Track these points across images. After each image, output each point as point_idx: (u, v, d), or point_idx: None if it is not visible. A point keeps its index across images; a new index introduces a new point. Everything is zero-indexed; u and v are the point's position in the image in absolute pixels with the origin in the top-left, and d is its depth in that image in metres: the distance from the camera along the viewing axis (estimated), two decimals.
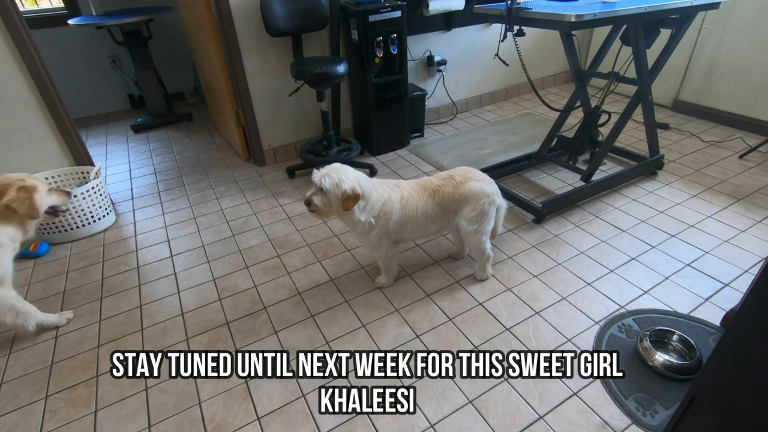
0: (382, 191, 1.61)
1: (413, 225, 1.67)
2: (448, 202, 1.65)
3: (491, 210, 1.67)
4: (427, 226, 1.69)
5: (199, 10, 2.65)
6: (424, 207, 1.65)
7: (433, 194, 1.65)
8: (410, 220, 1.65)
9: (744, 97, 2.90)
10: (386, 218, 1.61)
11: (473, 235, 1.69)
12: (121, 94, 4.23)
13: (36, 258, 2.16)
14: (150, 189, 2.76)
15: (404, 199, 1.63)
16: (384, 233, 1.65)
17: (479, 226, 1.67)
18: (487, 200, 1.64)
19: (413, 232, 1.69)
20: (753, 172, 2.45)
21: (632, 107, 2.21)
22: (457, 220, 1.69)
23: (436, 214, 1.67)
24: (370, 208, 1.57)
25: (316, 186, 1.51)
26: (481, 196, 1.63)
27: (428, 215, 1.66)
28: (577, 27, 1.71)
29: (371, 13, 2.49)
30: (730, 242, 1.95)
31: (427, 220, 1.67)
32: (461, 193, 1.64)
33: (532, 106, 3.66)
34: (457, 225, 1.70)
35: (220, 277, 1.95)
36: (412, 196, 1.65)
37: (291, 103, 2.86)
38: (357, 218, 1.56)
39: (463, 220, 1.66)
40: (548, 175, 2.59)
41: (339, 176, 1.49)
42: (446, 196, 1.64)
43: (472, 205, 1.64)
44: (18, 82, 2.09)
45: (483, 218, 1.66)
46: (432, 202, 1.65)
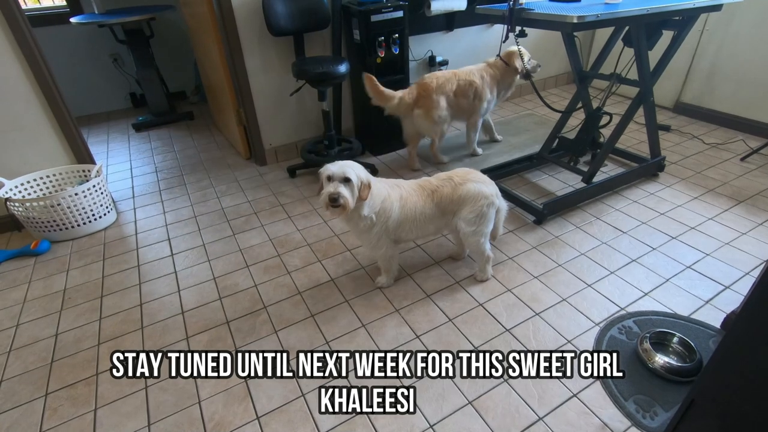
0: (382, 188, 1.62)
1: (412, 225, 1.67)
2: (446, 203, 1.65)
3: (490, 212, 1.67)
4: (426, 227, 1.69)
5: (200, 9, 2.65)
6: (422, 207, 1.65)
7: (432, 195, 1.65)
8: (409, 219, 1.65)
9: (746, 100, 2.89)
10: (386, 216, 1.61)
11: (472, 237, 1.69)
12: (122, 92, 4.23)
13: (37, 256, 2.16)
14: (151, 187, 2.77)
15: (403, 198, 1.63)
16: (384, 231, 1.65)
17: (478, 227, 1.67)
18: (485, 202, 1.64)
19: (412, 232, 1.69)
20: (754, 175, 2.45)
21: (634, 109, 2.21)
22: (455, 221, 1.69)
23: (434, 215, 1.67)
24: (372, 202, 1.57)
25: (339, 178, 1.48)
26: (479, 197, 1.63)
27: (426, 215, 1.66)
28: (579, 28, 1.70)
29: (373, 13, 2.49)
30: (731, 244, 1.95)
31: (425, 221, 1.67)
32: (460, 194, 1.64)
33: (533, 107, 3.66)
34: (455, 226, 1.70)
35: (220, 276, 1.95)
36: (411, 196, 1.65)
37: (292, 103, 2.86)
38: (362, 212, 1.56)
39: (461, 221, 1.66)
40: (549, 176, 2.59)
41: (354, 167, 1.51)
42: (444, 196, 1.64)
43: (471, 206, 1.64)
44: (20, 80, 2.09)
45: (481, 220, 1.66)
46: (430, 202, 1.65)
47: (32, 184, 2.28)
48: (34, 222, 2.17)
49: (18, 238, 2.31)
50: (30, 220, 2.17)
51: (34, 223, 2.17)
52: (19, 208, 2.12)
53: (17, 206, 2.12)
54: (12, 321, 1.78)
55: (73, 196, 2.16)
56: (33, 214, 2.14)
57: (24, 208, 2.12)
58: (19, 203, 2.10)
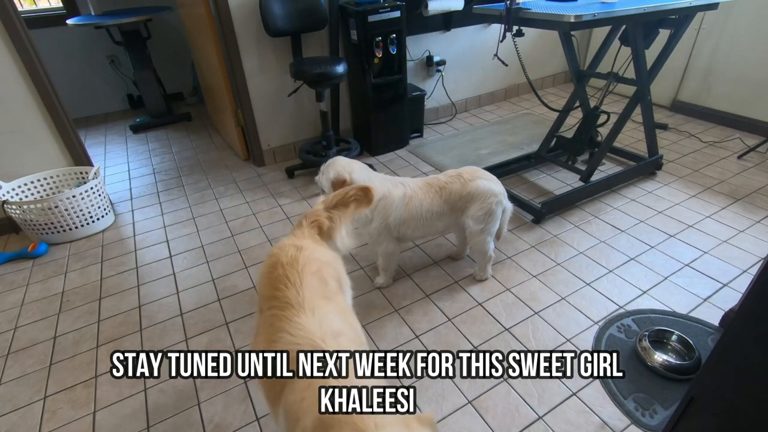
0: (381, 186, 1.62)
1: (418, 222, 1.67)
2: (455, 200, 1.65)
3: (498, 210, 1.67)
4: (434, 224, 1.69)
5: (198, 10, 2.65)
6: (429, 204, 1.65)
7: (440, 191, 1.65)
8: (414, 217, 1.65)
9: (743, 98, 2.90)
10: (385, 213, 1.63)
11: (479, 235, 1.69)
12: (119, 94, 4.22)
13: (34, 258, 2.15)
14: (149, 189, 2.76)
15: (407, 197, 1.64)
16: (384, 228, 1.66)
17: (486, 225, 1.67)
18: (495, 199, 1.64)
19: (418, 229, 1.69)
20: (751, 173, 2.46)
21: (631, 107, 2.21)
22: (463, 218, 1.69)
23: (443, 212, 1.67)
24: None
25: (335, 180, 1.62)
26: (489, 194, 1.63)
27: (434, 213, 1.66)
28: (576, 27, 1.71)
29: (370, 14, 2.49)
30: (728, 242, 1.95)
31: (433, 218, 1.67)
32: (469, 190, 1.64)
33: (531, 106, 3.66)
34: (463, 224, 1.70)
35: (219, 278, 1.95)
36: (417, 194, 1.65)
37: (290, 104, 2.85)
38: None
39: (469, 218, 1.66)
40: (547, 175, 2.60)
41: (328, 167, 1.62)
42: (453, 193, 1.64)
43: (480, 203, 1.64)
44: (16, 82, 2.09)
45: (490, 218, 1.66)
46: (439, 199, 1.65)
47: (29, 187, 2.28)
48: (31, 224, 2.16)
49: (15, 240, 2.30)
50: (27, 223, 2.16)
51: (32, 226, 2.17)
52: (17, 210, 2.12)
53: (14, 209, 2.11)
54: (10, 324, 1.77)
55: (71, 198, 2.15)
56: (30, 216, 2.13)
57: (21, 210, 2.11)
58: (16, 206, 2.10)
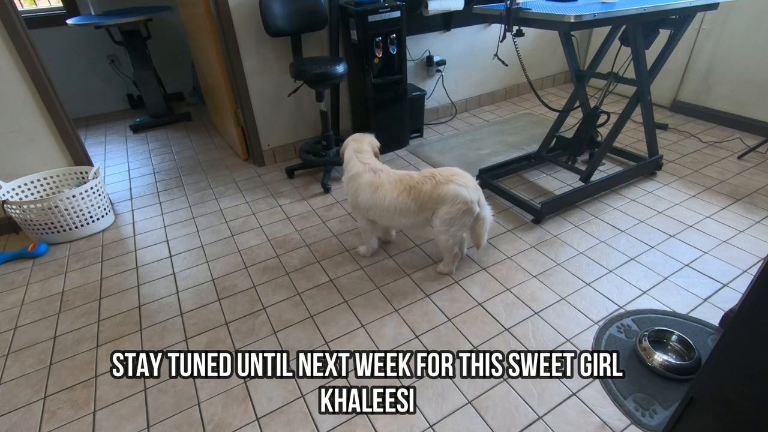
0: (355, 165, 1.78)
1: (381, 212, 1.72)
2: (425, 200, 1.66)
3: (466, 218, 1.67)
4: (397, 219, 1.72)
5: (198, 10, 2.64)
6: (393, 199, 1.67)
7: (410, 190, 1.66)
8: (377, 206, 1.70)
9: (743, 98, 2.90)
10: (353, 191, 1.75)
11: (443, 234, 1.71)
12: (119, 94, 4.22)
13: (34, 258, 2.15)
14: (149, 189, 2.76)
15: (374, 185, 1.68)
16: (354, 204, 1.80)
17: (450, 229, 1.67)
18: (462, 206, 1.63)
19: (383, 219, 1.75)
20: (752, 173, 2.46)
21: (631, 107, 2.21)
22: (433, 218, 1.70)
23: (410, 210, 1.68)
24: (344, 167, 1.85)
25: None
26: (456, 200, 1.62)
27: (398, 209, 1.68)
28: (576, 27, 1.71)
29: (370, 14, 2.49)
30: (728, 242, 1.95)
31: (395, 213, 1.69)
32: (438, 193, 1.64)
33: (531, 106, 3.66)
34: (432, 223, 1.72)
35: (219, 278, 1.95)
36: (384, 185, 1.68)
37: (290, 104, 2.86)
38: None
39: (437, 219, 1.68)
40: (547, 175, 2.60)
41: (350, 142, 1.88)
42: (423, 193, 1.65)
43: (448, 207, 1.64)
44: (16, 82, 2.09)
45: (454, 223, 1.66)
46: (406, 197, 1.66)
47: (29, 187, 2.28)
48: (31, 224, 2.16)
49: (15, 240, 2.30)
50: (27, 223, 2.16)
51: (32, 226, 2.17)
52: (17, 210, 2.12)
53: (14, 208, 2.11)
54: (10, 324, 1.77)
55: (71, 198, 2.15)
56: (30, 216, 2.13)
57: (21, 210, 2.11)
58: (16, 205, 2.10)
